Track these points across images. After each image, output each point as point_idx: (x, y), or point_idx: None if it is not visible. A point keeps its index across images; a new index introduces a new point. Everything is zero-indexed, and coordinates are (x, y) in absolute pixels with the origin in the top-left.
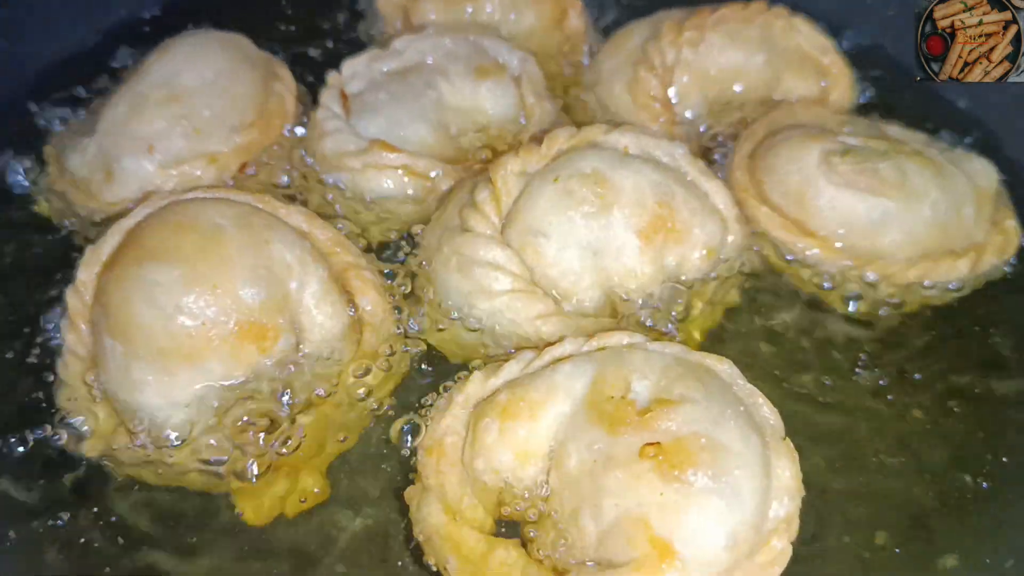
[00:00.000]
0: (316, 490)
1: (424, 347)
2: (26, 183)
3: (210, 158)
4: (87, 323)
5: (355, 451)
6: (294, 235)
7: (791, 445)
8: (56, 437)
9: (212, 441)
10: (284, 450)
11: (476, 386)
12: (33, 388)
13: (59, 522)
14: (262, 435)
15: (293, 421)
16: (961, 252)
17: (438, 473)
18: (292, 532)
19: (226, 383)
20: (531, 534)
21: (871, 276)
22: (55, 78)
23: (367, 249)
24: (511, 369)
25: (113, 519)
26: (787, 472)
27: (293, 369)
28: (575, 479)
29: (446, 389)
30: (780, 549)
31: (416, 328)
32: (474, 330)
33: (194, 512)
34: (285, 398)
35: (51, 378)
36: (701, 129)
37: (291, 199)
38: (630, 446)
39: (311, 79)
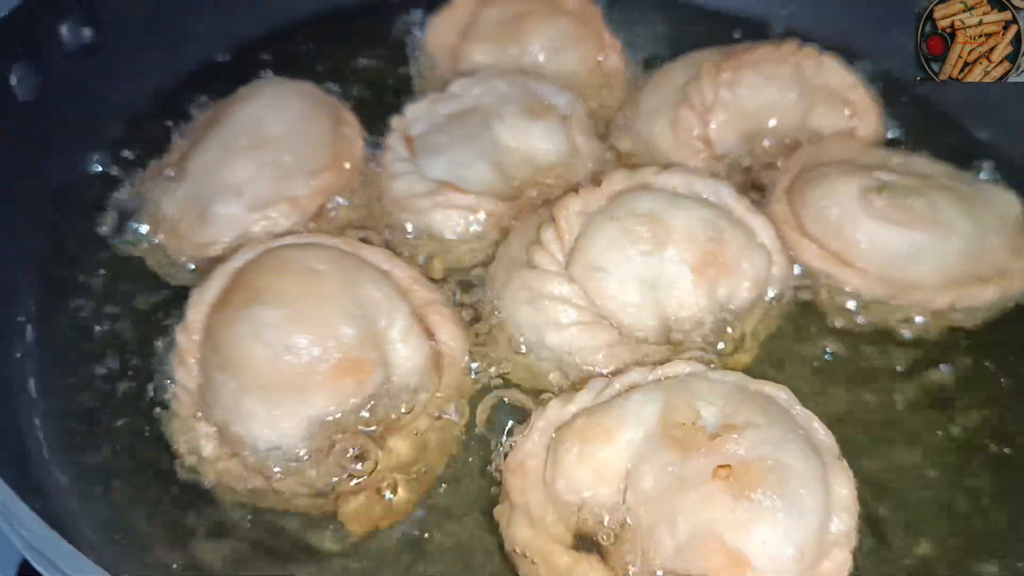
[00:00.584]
0: (410, 506)
1: (499, 378)
2: (112, 229)
3: (292, 201)
4: (196, 360)
5: (442, 471)
6: (379, 274)
7: (846, 465)
8: (176, 469)
9: (314, 467)
10: (377, 473)
11: (554, 412)
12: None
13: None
14: (359, 461)
15: (385, 447)
16: (987, 278)
17: (523, 492)
18: (387, 546)
19: (327, 414)
20: (611, 549)
21: (905, 303)
22: (135, 123)
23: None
24: (584, 397)
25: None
26: (844, 490)
27: (385, 400)
28: (651, 498)
29: (522, 417)
30: (841, 560)
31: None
32: (545, 360)
33: (298, 531)
34: (377, 426)
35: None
36: (741, 163)
37: (365, 239)
38: (702, 468)
39: (367, 118)
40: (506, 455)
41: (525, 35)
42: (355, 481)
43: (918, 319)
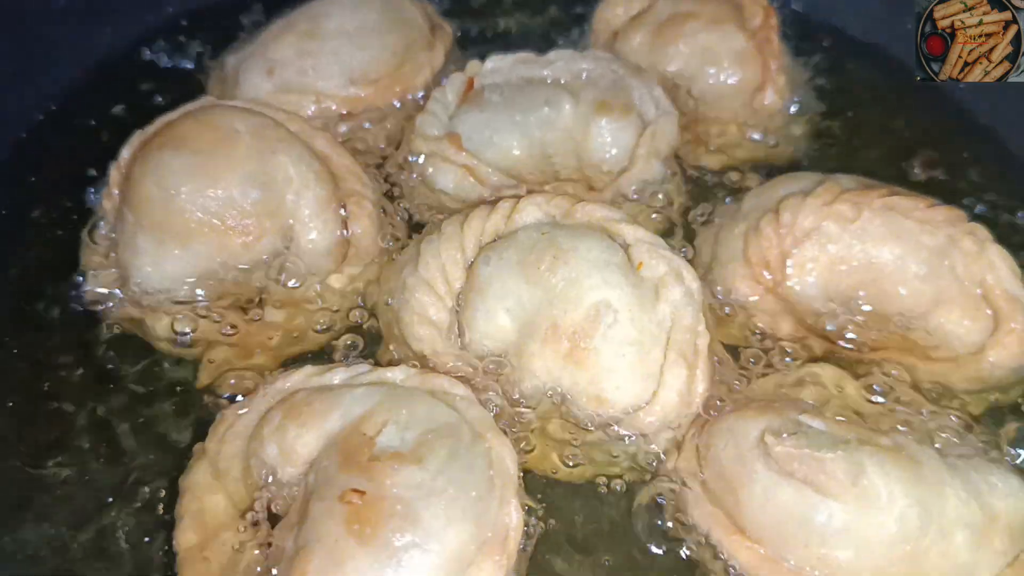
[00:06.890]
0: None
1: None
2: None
3: (318, 98)
4: (119, 192)
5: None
6: (305, 154)
7: (513, 559)
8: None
9: (185, 312)
10: (244, 327)
11: (299, 378)
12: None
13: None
14: (231, 314)
15: (262, 308)
16: None
17: (221, 440)
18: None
19: (209, 265)
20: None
21: None
22: None
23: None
24: (340, 374)
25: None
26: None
27: (275, 268)
28: (309, 493)
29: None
30: None
31: None
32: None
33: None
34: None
35: None
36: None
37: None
38: (343, 484)
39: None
40: None
41: (682, 36)
42: (226, 333)
43: None
